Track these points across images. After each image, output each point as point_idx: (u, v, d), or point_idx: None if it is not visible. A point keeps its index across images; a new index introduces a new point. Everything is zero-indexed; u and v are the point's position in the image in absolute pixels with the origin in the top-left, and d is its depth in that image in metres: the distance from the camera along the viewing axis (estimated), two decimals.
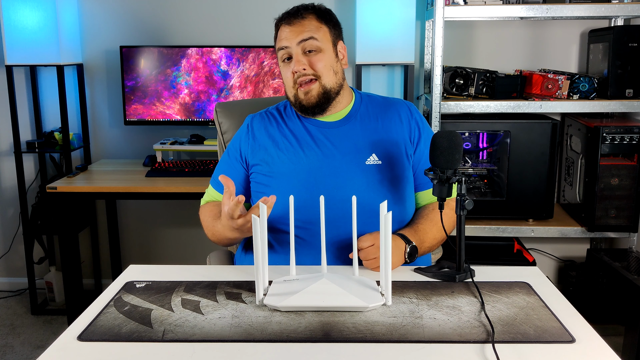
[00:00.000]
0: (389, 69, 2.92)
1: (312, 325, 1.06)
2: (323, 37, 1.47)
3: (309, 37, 1.45)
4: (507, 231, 2.54)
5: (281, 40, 1.47)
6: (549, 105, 2.43)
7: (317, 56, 1.45)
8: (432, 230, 1.46)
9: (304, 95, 1.46)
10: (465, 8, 2.42)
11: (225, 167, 1.57)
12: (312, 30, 1.46)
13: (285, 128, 1.53)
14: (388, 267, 1.13)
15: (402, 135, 1.52)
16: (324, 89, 1.46)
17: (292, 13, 1.48)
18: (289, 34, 1.46)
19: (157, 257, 3.15)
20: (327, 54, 1.47)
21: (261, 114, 1.59)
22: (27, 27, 2.62)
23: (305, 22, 1.46)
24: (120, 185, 2.50)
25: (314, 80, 1.45)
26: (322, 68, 1.45)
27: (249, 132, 1.55)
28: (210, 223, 1.49)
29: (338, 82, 1.49)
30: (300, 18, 1.46)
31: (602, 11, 2.37)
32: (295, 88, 1.46)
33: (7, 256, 3.18)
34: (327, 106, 1.48)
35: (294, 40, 1.44)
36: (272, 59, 2.74)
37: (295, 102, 1.48)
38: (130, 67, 2.76)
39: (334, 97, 1.49)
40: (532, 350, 0.98)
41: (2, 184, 3.11)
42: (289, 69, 1.46)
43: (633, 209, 2.47)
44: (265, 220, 1.17)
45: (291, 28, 1.46)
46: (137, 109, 2.78)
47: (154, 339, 1.02)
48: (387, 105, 1.57)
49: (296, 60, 1.44)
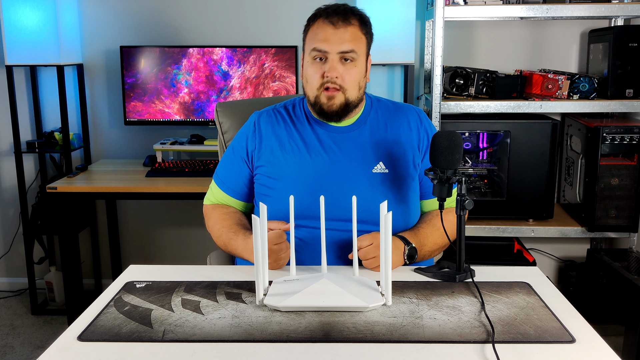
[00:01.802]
0: (389, 69, 2.92)
1: (312, 325, 1.06)
2: (361, 50, 1.43)
3: (350, 50, 1.40)
4: (507, 231, 2.54)
5: (320, 41, 1.40)
6: (549, 105, 2.43)
7: (352, 69, 1.42)
8: (433, 235, 1.46)
9: (327, 100, 1.42)
10: (465, 8, 2.42)
11: (229, 165, 1.56)
12: (354, 41, 1.40)
13: (293, 130, 1.51)
14: (388, 267, 1.13)
15: (409, 142, 1.51)
16: (346, 101, 1.43)
17: (338, 12, 1.41)
18: (331, 37, 1.39)
19: (157, 257, 3.15)
20: (359, 68, 1.43)
21: (268, 111, 1.56)
22: (27, 27, 2.62)
23: (350, 30, 1.40)
24: (120, 185, 2.50)
25: (338, 90, 1.42)
26: (351, 82, 1.42)
27: (256, 130, 1.52)
28: (225, 234, 1.47)
29: (360, 96, 1.47)
30: (347, 24, 1.40)
31: (602, 11, 2.37)
32: (320, 90, 1.42)
33: (7, 256, 3.18)
34: (345, 116, 1.46)
35: (336, 48, 1.39)
36: (272, 61, 2.73)
37: (315, 103, 1.44)
38: (130, 67, 2.76)
39: (353, 109, 1.47)
40: (532, 350, 0.98)
41: (2, 184, 3.11)
42: (319, 69, 1.41)
43: (633, 209, 2.47)
44: (265, 220, 1.18)
45: (335, 31, 1.40)
46: (137, 106, 2.77)
47: (154, 339, 1.02)
48: (397, 111, 1.55)
49: (332, 67, 1.39)
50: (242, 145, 1.54)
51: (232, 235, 1.44)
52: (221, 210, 1.55)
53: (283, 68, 2.74)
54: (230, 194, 1.56)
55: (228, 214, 1.53)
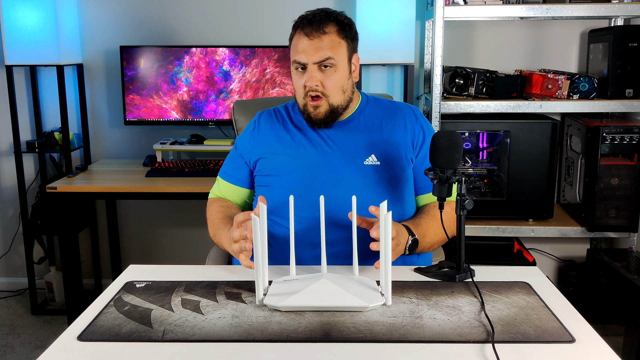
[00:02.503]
0: (389, 69, 2.92)
1: (312, 325, 1.06)
2: (340, 54, 1.45)
3: (326, 57, 1.42)
4: (507, 231, 2.54)
5: (298, 53, 1.44)
6: (549, 105, 2.43)
7: (331, 75, 1.44)
8: (433, 226, 1.46)
9: (313, 109, 1.47)
10: (465, 8, 2.42)
11: (233, 159, 1.63)
12: (330, 48, 1.43)
13: (290, 124, 1.57)
14: (388, 267, 1.13)
15: (404, 139, 1.54)
16: (331, 107, 1.47)
17: (312, 22, 1.43)
18: (307, 48, 1.42)
19: (157, 257, 3.15)
20: (341, 72, 1.46)
21: (269, 111, 1.63)
22: (27, 27, 2.62)
23: (325, 38, 1.42)
24: (120, 185, 2.50)
25: (320, 98, 1.45)
26: (332, 87, 1.45)
27: (255, 128, 1.60)
28: (216, 224, 1.50)
29: (346, 99, 1.50)
30: (321, 33, 1.42)
31: (602, 11, 2.37)
32: (306, 99, 1.47)
33: (7, 256, 3.18)
34: (333, 122, 1.51)
35: (311, 58, 1.42)
36: (275, 67, 2.73)
37: (303, 111, 1.50)
38: (130, 66, 2.76)
39: (341, 113, 1.51)
40: (532, 350, 0.98)
41: (2, 184, 3.11)
42: (301, 79, 1.46)
43: (633, 209, 2.47)
44: (265, 220, 1.18)
45: (310, 42, 1.42)
46: (134, 99, 2.77)
47: (154, 339, 1.02)
48: (393, 109, 1.59)
49: (310, 77, 1.43)
50: (243, 142, 1.61)
51: (222, 227, 1.46)
52: (220, 202, 1.60)
53: (284, 75, 2.74)
54: (233, 182, 1.61)
55: (225, 207, 1.57)
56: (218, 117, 2.79)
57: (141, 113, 2.79)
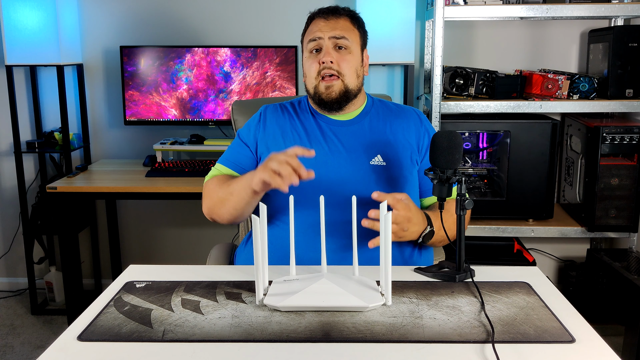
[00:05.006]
0: (389, 69, 2.92)
1: (312, 325, 1.06)
2: (354, 40, 1.51)
3: (341, 36, 1.48)
4: (507, 231, 2.54)
5: (314, 32, 1.50)
6: (549, 105, 2.43)
7: (346, 56, 1.49)
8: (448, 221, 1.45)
9: (325, 89, 1.48)
10: (465, 8, 2.42)
11: (235, 147, 1.58)
12: (345, 30, 1.50)
13: (296, 120, 1.56)
14: (388, 267, 1.13)
15: (409, 141, 1.54)
16: (345, 88, 1.49)
17: (329, 10, 1.53)
18: (323, 26, 1.49)
19: (157, 257, 3.15)
20: (355, 56, 1.51)
21: (275, 105, 1.62)
22: (27, 27, 2.62)
23: (341, 21, 1.50)
24: (120, 185, 2.50)
25: (336, 77, 1.48)
26: (348, 68, 1.49)
27: (260, 121, 1.58)
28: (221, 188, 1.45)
29: (359, 85, 1.53)
30: (337, 16, 1.51)
31: (602, 11, 2.37)
32: (318, 80, 1.49)
33: (7, 256, 3.18)
34: (345, 104, 1.51)
35: (328, 33, 1.48)
36: (275, 71, 2.73)
37: (314, 94, 1.50)
38: (130, 62, 2.76)
39: (353, 98, 1.52)
40: (532, 350, 0.98)
41: (2, 184, 3.11)
42: (315, 60, 1.49)
43: (633, 209, 2.47)
44: (265, 220, 1.18)
45: (326, 22, 1.50)
46: (134, 95, 2.77)
47: (154, 339, 1.02)
48: (399, 111, 1.60)
49: (326, 52, 1.47)
50: (247, 133, 1.59)
51: (230, 182, 1.43)
52: (219, 176, 1.53)
53: (285, 79, 2.74)
54: (233, 168, 1.55)
55: (226, 176, 1.51)
56: (217, 118, 2.79)
57: (140, 110, 2.78)
